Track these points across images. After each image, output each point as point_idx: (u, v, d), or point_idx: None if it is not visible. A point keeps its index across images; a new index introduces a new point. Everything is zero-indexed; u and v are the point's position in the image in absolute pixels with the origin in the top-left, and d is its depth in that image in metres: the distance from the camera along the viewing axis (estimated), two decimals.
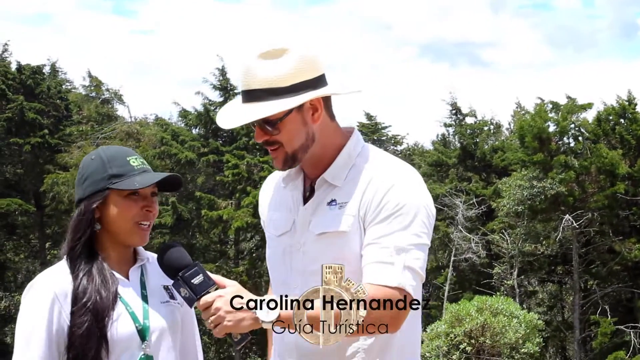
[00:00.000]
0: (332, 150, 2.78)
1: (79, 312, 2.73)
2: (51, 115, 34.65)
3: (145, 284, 2.90)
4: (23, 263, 36.30)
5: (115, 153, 2.86)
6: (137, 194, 2.82)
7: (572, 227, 28.41)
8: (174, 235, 31.20)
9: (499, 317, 18.92)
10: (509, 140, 36.57)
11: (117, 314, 2.77)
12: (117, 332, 2.75)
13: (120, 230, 2.83)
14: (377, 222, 2.66)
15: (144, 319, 2.81)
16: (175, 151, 31.36)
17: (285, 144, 2.71)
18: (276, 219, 2.91)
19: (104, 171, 2.81)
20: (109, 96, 40.12)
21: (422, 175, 14.08)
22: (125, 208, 2.81)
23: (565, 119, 29.71)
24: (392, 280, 2.59)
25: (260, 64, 2.67)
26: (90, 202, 2.80)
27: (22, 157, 34.41)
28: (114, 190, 2.79)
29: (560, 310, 34.72)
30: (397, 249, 2.62)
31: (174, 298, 2.92)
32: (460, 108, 36.58)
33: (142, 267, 2.94)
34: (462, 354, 19.08)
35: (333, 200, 2.75)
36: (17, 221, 34.77)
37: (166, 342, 2.86)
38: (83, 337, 2.71)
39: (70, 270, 2.81)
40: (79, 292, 2.75)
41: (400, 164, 2.82)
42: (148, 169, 2.86)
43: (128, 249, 2.92)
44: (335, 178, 2.77)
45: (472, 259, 31.35)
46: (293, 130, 2.70)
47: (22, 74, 34.45)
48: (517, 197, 28.44)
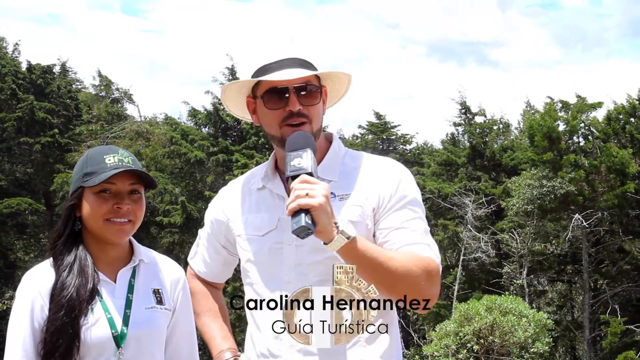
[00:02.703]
0: (319, 150, 2.89)
1: (54, 307, 2.76)
2: (61, 114, 34.72)
3: (132, 287, 2.88)
4: (33, 262, 36.26)
5: (96, 152, 2.90)
6: (107, 191, 2.82)
7: (581, 226, 28.31)
8: (183, 235, 31.22)
9: (508, 316, 18.87)
10: (518, 140, 36.48)
11: (95, 318, 2.77)
12: (91, 337, 2.75)
13: (93, 228, 2.85)
14: (396, 209, 2.84)
15: (123, 326, 2.80)
16: (185, 150, 31.38)
17: (314, 119, 2.83)
18: (257, 220, 2.94)
19: (81, 170, 2.86)
20: (118, 95, 40.15)
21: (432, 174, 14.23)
22: (95, 205, 2.83)
23: (575, 118, 29.59)
24: (435, 256, 2.81)
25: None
26: (69, 201, 2.87)
27: (32, 157, 34.48)
28: (86, 188, 2.83)
29: (569, 309, 34.62)
30: (425, 231, 2.85)
31: (162, 303, 2.91)
32: (469, 107, 36.51)
33: (134, 268, 2.92)
34: (471, 353, 19.05)
35: (331, 193, 2.78)
36: (27, 220, 34.86)
37: (145, 349, 2.85)
38: (55, 333, 2.72)
39: (53, 266, 2.84)
40: (57, 287, 2.78)
41: (392, 161, 3.00)
42: (124, 166, 2.84)
43: (117, 249, 2.91)
44: (329, 173, 2.87)
45: (482, 258, 31.27)
46: (319, 110, 2.87)
47: (33, 74, 34.53)
48: (527, 196, 28.35)
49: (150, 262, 2.97)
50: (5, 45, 37.18)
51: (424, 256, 2.74)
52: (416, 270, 2.68)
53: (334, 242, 2.56)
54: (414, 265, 2.68)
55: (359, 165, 2.91)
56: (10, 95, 33.51)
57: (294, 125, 2.78)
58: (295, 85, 2.78)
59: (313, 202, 2.50)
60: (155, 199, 30.52)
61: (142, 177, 2.87)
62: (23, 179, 35.68)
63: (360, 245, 2.60)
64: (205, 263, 3.21)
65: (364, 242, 2.64)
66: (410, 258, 2.70)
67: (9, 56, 36.07)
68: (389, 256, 2.67)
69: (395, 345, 2.90)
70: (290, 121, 2.79)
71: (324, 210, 2.52)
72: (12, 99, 33.59)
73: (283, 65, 2.79)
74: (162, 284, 2.96)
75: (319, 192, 2.53)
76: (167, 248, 29.08)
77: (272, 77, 2.78)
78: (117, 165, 2.82)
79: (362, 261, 2.62)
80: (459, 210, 32.16)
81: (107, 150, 2.89)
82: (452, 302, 29.39)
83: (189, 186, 32.61)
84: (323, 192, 2.53)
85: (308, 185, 2.54)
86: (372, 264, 2.62)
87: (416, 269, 2.68)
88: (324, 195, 2.53)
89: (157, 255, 3.04)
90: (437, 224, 33.07)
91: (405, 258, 2.70)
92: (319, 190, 2.53)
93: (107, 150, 2.90)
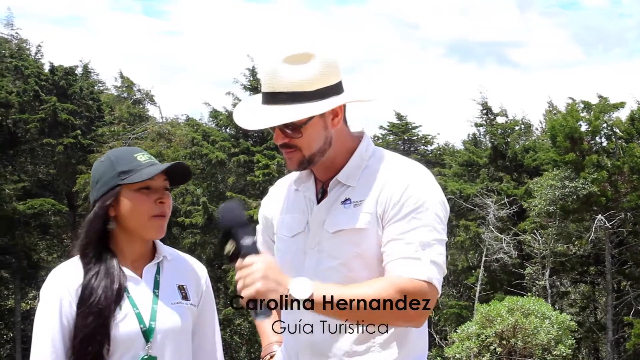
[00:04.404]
0: (344, 153, 2.82)
1: (83, 312, 2.77)
2: (83, 115, 34.95)
3: (158, 283, 2.91)
4: (56, 262, 36.39)
5: (122, 152, 2.93)
6: (148, 187, 2.85)
7: (604, 227, 28.15)
8: (204, 235, 31.34)
9: (530, 318, 18.79)
10: (540, 140, 36.32)
11: (123, 313, 2.79)
12: (120, 332, 2.77)
13: (136, 225, 2.86)
14: (398, 219, 2.69)
15: (150, 320, 2.83)
16: (206, 151, 31.49)
17: (304, 147, 2.73)
18: (288, 221, 2.93)
19: (113, 170, 2.85)
20: (140, 97, 40.37)
21: (453, 175, 14.21)
22: (138, 202, 2.84)
23: (597, 118, 29.42)
24: (422, 274, 2.62)
25: (286, 67, 2.67)
26: (104, 201, 2.84)
27: (55, 158, 34.72)
28: (125, 185, 2.83)
29: (593, 311, 34.45)
30: (422, 244, 2.65)
31: (187, 298, 2.94)
32: (490, 108, 36.38)
33: (159, 264, 2.95)
34: (493, 355, 18.98)
35: (347, 200, 2.78)
36: (50, 221, 35.11)
37: (173, 344, 2.87)
38: (85, 339, 2.74)
39: (82, 266, 2.85)
40: (86, 291, 2.79)
41: (413, 163, 2.85)
42: (156, 162, 2.90)
43: (145, 246, 2.93)
44: (349, 179, 2.80)
45: (504, 259, 31.16)
46: (314, 134, 2.73)
47: (55, 75, 34.77)
48: (549, 197, 28.23)
49: (174, 259, 2.99)
50: (28, 47, 37.47)
51: (402, 278, 2.60)
52: (389, 298, 2.56)
53: (293, 306, 2.51)
54: (386, 294, 2.56)
55: (379, 169, 2.80)
56: (33, 96, 33.77)
57: (288, 153, 2.76)
58: None
59: (250, 291, 2.46)
60: (177, 199, 30.65)
61: (170, 175, 2.90)
62: (46, 180, 35.94)
63: (319, 300, 2.51)
64: None
65: (325, 292, 2.53)
66: (382, 287, 2.58)
67: (32, 58, 36.33)
68: (357, 296, 2.55)
69: (413, 349, 2.85)
70: (283, 150, 2.78)
71: (265, 290, 2.47)
72: (35, 100, 33.85)
73: (269, 99, 2.70)
74: (186, 280, 2.98)
75: (255, 275, 2.47)
76: (188, 248, 29.17)
77: (245, 125, 2.75)
78: (152, 162, 2.87)
79: (330, 312, 2.56)
80: (481, 211, 32.05)
81: (132, 150, 2.93)
82: (474, 304, 29.30)
83: (210, 187, 32.72)
84: (258, 274, 2.47)
85: (243, 272, 2.50)
86: (339, 312, 2.55)
87: (388, 296, 2.56)
88: (261, 275, 2.47)
89: (180, 252, 3.07)
90: (458, 225, 33.00)
91: (376, 289, 2.58)
92: (255, 274, 2.48)
93: (132, 149, 2.94)
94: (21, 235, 33.01)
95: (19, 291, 33.53)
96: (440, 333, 32.34)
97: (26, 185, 33.41)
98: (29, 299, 34.83)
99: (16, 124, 34.09)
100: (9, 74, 34.83)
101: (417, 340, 2.86)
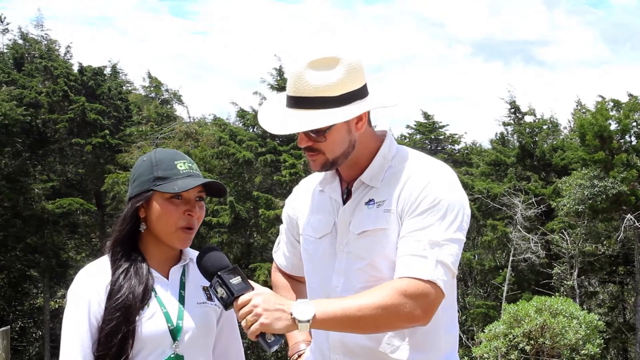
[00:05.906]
0: (368, 154, 2.83)
1: (110, 308, 2.80)
2: (112, 115, 35.16)
3: (184, 284, 2.94)
4: (84, 262, 36.80)
5: (165, 156, 2.92)
6: (179, 197, 2.86)
7: (634, 226, 27.89)
8: (231, 235, 31.44)
9: (558, 317, 18.66)
10: (568, 139, 36.06)
11: (150, 312, 2.82)
12: (148, 330, 2.79)
13: (163, 233, 2.88)
14: (414, 216, 2.70)
15: (178, 320, 2.85)
16: (233, 151, 31.57)
17: (328, 151, 2.75)
18: (316, 221, 2.95)
19: (150, 173, 2.87)
20: (168, 97, 40.57)
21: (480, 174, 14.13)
22: (167, 211, 2.85)
23: (627, 116, 29.14)
24: (425, 274, 2.62)
25: (310, 72, 2.68)
26: (135, 201, 2.87)
27: (83, 157, 34.99)
28: (157, 192, 2.84)
29: (621, 311, 34.16)
30: (431, 243, 2.65)
31: (212, 300, 2.95)
32: (519, 107, 36.19)
33: (184, 266, 2.98)
34: (521, 354, 18.88)
35: (371, 200, 2.79)
36: (78, 220, 35.39)
37: (198, 343, 2.89)
38: (110, 335, 2.77)
39: (110, 265, 2.88)
40: (114, 289, 2.82)
41: (436, 163, 2.85)
42: (194, 173, 2.89)
43: (172, 250, 2.95)
44: (373, 179, 2.82)
45: (531, 259, 30.99)
46: (338, 138, 2.75)
47: (84, 76, 35.02)
48: (578, 196, 28.01)
49: None
50: (57, 48, 37.75)
51: (403, 280, 2.62)
52: (392, 303, 2.58)
53: (301, 328, 2.54)
54: (390, 300, 2.57)
55: (402, 168, 2.81)
56: (62, 96, 34.04)
57: (311, 155, 2.77)
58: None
59: (256, 327, 2.51)
60: (204, 199, 30.71)
61: (208, 187, 2.90)
62: (74, 180, 36.22)
63: (323, 317, 2.54)
64: (285, 257, 3.24)
65: (327, 308, 2.55)
66: (385, 294, 2.58)
67: (61, 58, 36.60)
68: (359, 306, 2.56)
69: (445, 347, 2.86)
70: (306, 153, 2.79)
71: (270, 321, 2.51)
72: (64, 100, 34.11)
73: (293, 103, 2.71)
74: (208, 282, 3.00)
75: (256, 311, 2.52)
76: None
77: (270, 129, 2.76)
78: (190, 173, 2.87)
79: (336, 326, 2.59)
80: (508, 210, 31.91)
81: (175, 155, 2.92)
82: (501, 303, 29.15)
83: (237, 186, 32.79)
84: (259, 309, 2.52)
85: (243, 311, 2.54)
86: (345, 324, 2.58)
87: (391, 301, 2.57)
88: (262, 309, 2.52)
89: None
90: (485, 224, 32.87)
91: (379, 296, 2.58)
92: (256, 310, 2.52)
93: (174, 155, 2.93)
94: (50, 234, 33.27)
95: (48, 290, 33.84)
96: (467, 333, 32.22)
97: (55, 184, 33.70)
98: (57, 298, 35.13)
99: (45, 124, 34.38)
100: (38, 74, 35.15)
101: (447, 339, 2.87)
